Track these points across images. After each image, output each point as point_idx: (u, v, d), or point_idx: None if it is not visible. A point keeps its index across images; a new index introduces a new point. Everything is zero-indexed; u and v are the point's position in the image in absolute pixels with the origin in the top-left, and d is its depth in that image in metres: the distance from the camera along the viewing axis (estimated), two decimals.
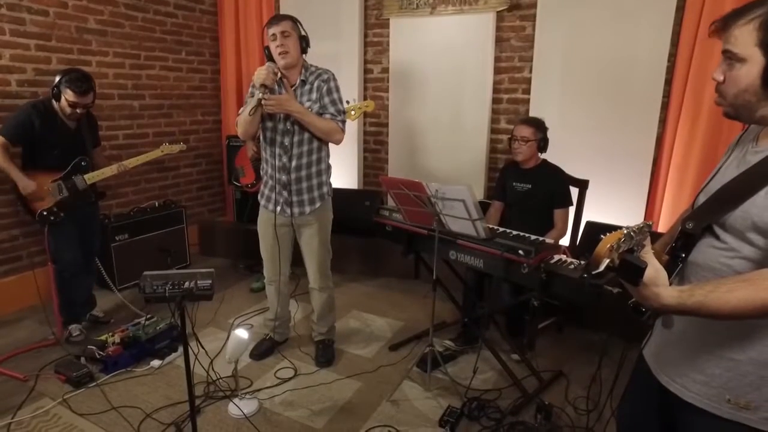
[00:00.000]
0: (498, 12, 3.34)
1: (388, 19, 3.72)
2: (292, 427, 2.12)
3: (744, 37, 0.93)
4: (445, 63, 3.57)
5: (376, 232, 2.72)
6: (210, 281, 1.66)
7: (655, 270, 0.94)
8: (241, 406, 2.19)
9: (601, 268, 0.88)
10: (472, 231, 2.08)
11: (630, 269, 0.89)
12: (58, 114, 2.59)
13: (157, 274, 1.65)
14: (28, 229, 3.15)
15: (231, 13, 4.20)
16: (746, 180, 0.99)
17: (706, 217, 1.06)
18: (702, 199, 1.13)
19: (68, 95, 2.51)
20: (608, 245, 0.87)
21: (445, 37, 3.53)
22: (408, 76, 3.74)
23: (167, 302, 1.63)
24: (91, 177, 2.67)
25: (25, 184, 2.51)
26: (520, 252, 2.01)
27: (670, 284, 0.99)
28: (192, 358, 1.76)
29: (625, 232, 0.89)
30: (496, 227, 2.33)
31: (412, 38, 3.65)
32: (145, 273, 1.66)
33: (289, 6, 4.08)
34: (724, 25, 0.98)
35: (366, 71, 3.95)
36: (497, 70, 3.47)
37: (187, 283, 1.62)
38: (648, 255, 0.95)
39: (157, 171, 3.91)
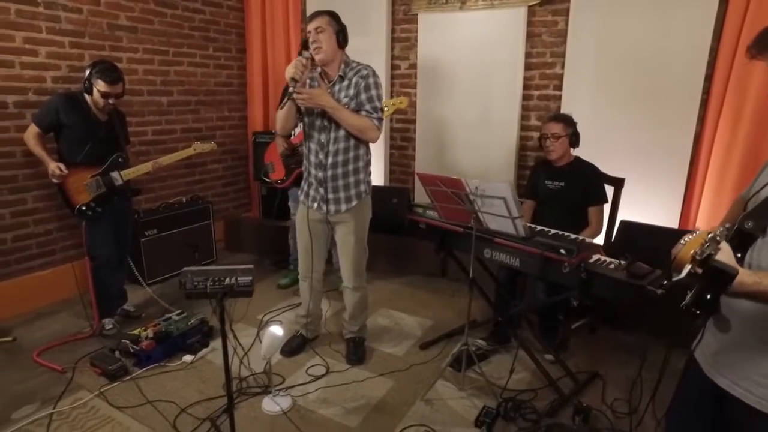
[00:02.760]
0: (530, 6, 3.28)
1: (416, 14, 3.68)
2: (326, 425, 2.11)
3: None
4: (474, 59, 3.52)
5: (407, 228, 2.69)
6: (250, 278, 1.65)
7: (729, 256, 0.91)
8: (275, 403, 2.19)
9: (683, 274, 0.85)
10: (512, 229, 2.05)
11: (719, 276, 0.84)
12: (89, 108, 2.62)
13: (198, 269, 1.64)
14: (62, 223, 3.20)
15: (257, 9, 4.20)
16: None
17: (767, 215, 1.02)
18: (762, 194, 1.09)
19: (99, 86, 2.54)
20: (692, 251, 0.84)
21: (474, 33, 3.48)
22: (436, 71, 3.70)
23: (208, 298, 1.63)
24: (127, 173, 2.69)
25: (53, 168, 2.53)
26: (562, 251, 1.97)
27: None
28: (231, 353, 1.76)
29: (710, 236, 0.85)
30: (533, 226, 2.29)
31: (441, 34, 3.61)
32: (186, 269, 1.66)
33: (316, 3, 4.07)
34: (764, 47, 0.99)
35: (393, 67, 3.92)
36: (528, 66, 3.41)
37: (227, 280, 1.62)
38: (724, 246, 0.91)
39: (184, 167, 3.93)
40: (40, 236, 3.10)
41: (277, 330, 2.15)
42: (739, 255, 1.05)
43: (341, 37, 2.26)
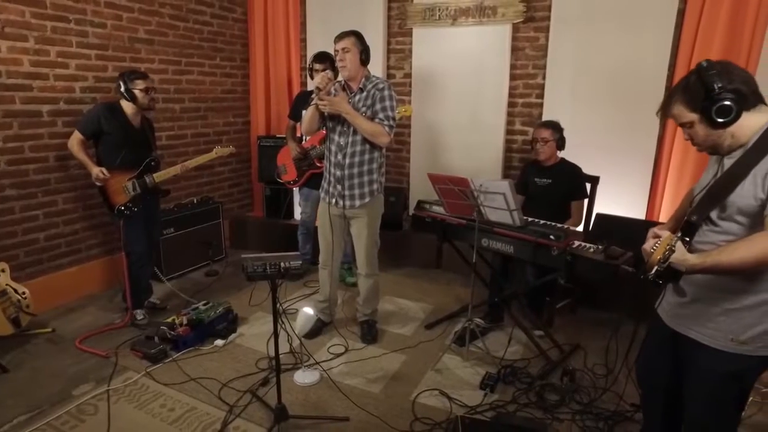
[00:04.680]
0: (514, 24, 3.68)
1: (411, 28, 4.04)
2: (352, 392, 2.42)
3: (681, 111, 1.38)
4: (464, 69, 3.90)
5: (412, 223, 3.05)
6: (300, 262, 1.97)
7: (681, 250, 1.31)
8: (306, 377, 2.50)
9: (653, 272, 1.29)
10: (509, 220, 2.42)
11: (673, 272, 1.29)
12: (126, 115, 2.87)
13: (256, 256, 1.95)
14: (87, 223, 3.43)
15: (260, 21, 4.48)
16: (727, 178, 1.38)
17: (704, 210, 1.42)
18: (697, 191, 1.50)
19: (139, 85, 2.81)
20: (658, 257, 1.28)
21: (464, 46, 3.86)
22: (429, 81, 4.06)
23: (267, 280, 1.94)
24: (159, 176, 2.96)
25: (96, 172, 2.77)
26: (552, 237, 2.35)
27: None
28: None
29: (668, 247, 1.28)
30: (526, 217, 2.66)
31: (434, 46, 3.97)
32: (244, 256, 1.97)
33: (315, 15, 4.39)
34: (666, 113, 1.45)
35: (389, 76, 4.26)
36: (513, 77, 3.81)
37: (283, 264, 1.93)
38: (678, 245, 1.31)
39: (194, 169, 4.16)
40: (69, 236, 3.32)
41: (308, 310, 2.47)
42: (687, 239, 1.44)
43: (364, 56, 2.59)
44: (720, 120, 1.31)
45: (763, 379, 2.36)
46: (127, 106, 2.86)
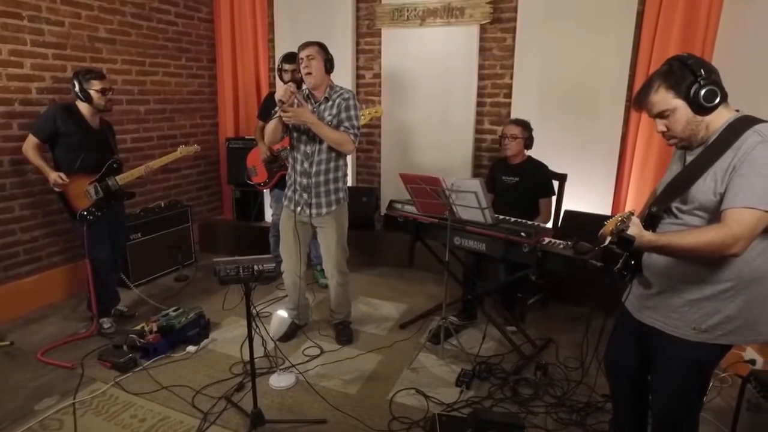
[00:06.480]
0: (481, 25, 3.74)
1: (380, 29, 4.04)
2: (329, 394, 2.41)
3: (663, 98, 1.37)
4: (433, 70, 3.93)
5: (384, 223, 3.05)
6: (273, 265, 1.95)
7: (638, 226, 1.35)
8: (281, 380, 2.47)
9: (606, 242, 1.32)
10: (481, 218, 2.45)
11: (625, 241, 1.31)
12: (83, 116, 2.77)
13: (228, 260, 1.92)
14: (47, 230, 3.29)
15: (227, 21, 4.40)
16: (688, 172, 1.44)
17: (665, 201, 1.49)
18: (660, 189, 1.57)
19: (95, 85, 2.71)
20: (611, 228, 1.30)
21: (433, 47, 3.89)
22: (399, 81, 4.08)
23: (240, 283, 1.90)
24: (122, 178, 2.86)
25: (54, 177, 2.67)
26: (523, 234, 2.40)
27: None
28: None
29: (620, 219, 1.31)
30: (497, 215, 2.71)
31: (403, 47, 3.99)
32: (217, 259, 1.93)
33: (282, 16, 4.34)
34: (641, 104, 1.44)
35: (358, 77, 4.26)
36: (481, 77, 3.87)
37: (256, 267, 1.90)
38: (633, 220, 1.35)
39: (161, 172, 4.06)
40: (27, 243, 3.18)
41: (282, 313, 2.44)
42: (651, 231, 1.49)
43: (329, 65, 2.60)
44: (707, 104, 1.32)
45: (722, 364, 2.47)
46: (84, 107, 2.76)
